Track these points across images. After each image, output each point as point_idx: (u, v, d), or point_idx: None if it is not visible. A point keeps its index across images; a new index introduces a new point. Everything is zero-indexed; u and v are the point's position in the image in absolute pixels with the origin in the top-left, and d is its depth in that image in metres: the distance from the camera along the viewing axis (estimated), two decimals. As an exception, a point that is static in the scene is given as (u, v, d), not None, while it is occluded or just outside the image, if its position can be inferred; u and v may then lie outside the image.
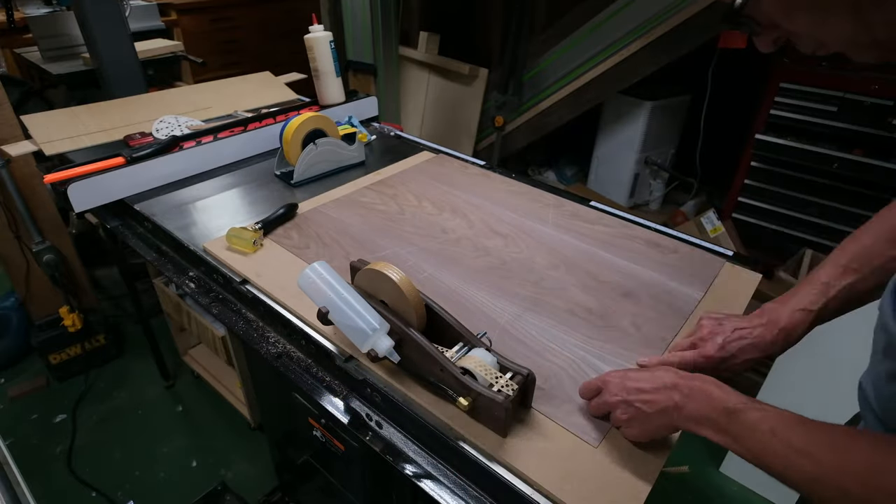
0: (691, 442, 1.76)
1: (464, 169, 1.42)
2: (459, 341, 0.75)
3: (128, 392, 1.96)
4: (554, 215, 1.19)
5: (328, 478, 1.12)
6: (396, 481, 0.86)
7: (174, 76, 2.28)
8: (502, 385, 0.68)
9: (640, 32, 2.24)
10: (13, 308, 2.00)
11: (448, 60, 2.77)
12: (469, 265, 1.02)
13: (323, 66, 1.59)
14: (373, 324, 0.73)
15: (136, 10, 2.25)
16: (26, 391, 1.95)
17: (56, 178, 1.22)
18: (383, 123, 1.72)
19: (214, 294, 1.03)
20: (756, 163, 2.18)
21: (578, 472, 0.65)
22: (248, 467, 1.69)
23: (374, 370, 0.79)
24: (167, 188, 1.33)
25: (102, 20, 1.69)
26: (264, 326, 0.95)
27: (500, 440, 0.68)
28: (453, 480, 0.70)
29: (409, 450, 0.74)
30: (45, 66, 2.05)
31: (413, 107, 3.05)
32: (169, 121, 1.57)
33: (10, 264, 1.84)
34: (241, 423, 1.74)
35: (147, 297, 1.81)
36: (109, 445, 1.76)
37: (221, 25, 3.26)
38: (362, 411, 0.79)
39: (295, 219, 1.17)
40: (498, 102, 2.59)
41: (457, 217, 1.19)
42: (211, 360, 1.81)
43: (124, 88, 1.77)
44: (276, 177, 1.38)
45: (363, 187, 1.31)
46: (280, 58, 3.20)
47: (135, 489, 1.63)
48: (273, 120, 1.56)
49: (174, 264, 1.13)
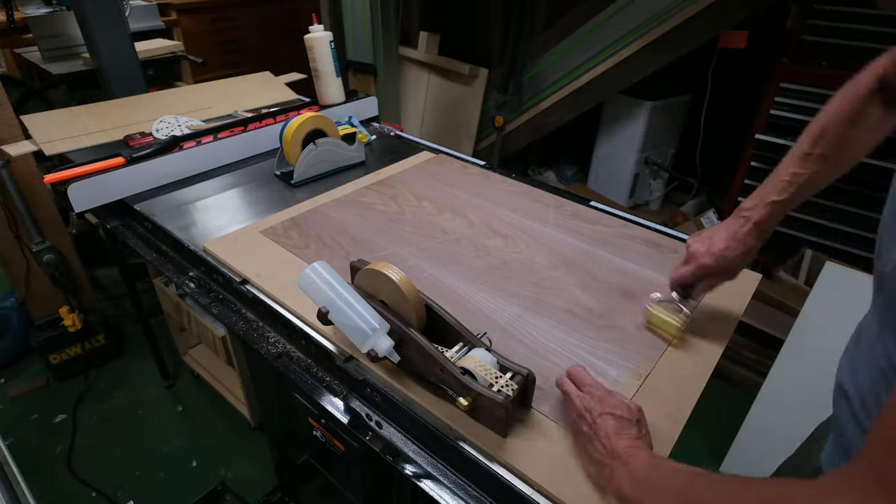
0: (691, 441, 1.76)
1: (464, 169, 1.42)
2: (459, 341, 0.75)
3: (128, 392, 1.96)
4: (554, 215, 1.19)
5: (328, 478, 1.12)
6: (396, 481, 0.86)
7: (174, 76, 2.28)
8: (502, 385, 0.68)
9: (640, 32, 2.24)
10: (13, 308, 2.00)
11: (448, 60, 2.77)
12: (469, 265, 1.02)
13: (323, 66, 1.59)
14: (373, 324, 0.73)
15: (136, 10, 2.25)
16: (26, 391, 1.95)
17: (56, 178, 1.22)
18: (383, 123, 1.72)
19: (214, 294, 1.03)
20: (756, 163, 2.17)
21: (578, 472, 0.65)
22: (248, 467, 1.69)
23: (374, 370, 0.79)
24: (167, 188, 1.33)
25: (102, 20, 1.69)
26: (264, 326, 0.95)
27: (500, 440, 0.68)
28: (453, 480, 0.70)
29: (409, 450, 0.74)
30: (45, 66, 2.05)
31: (413, 107, 3.05)
32: (169, 121, 1.57)
33: (10, 264, 1.84)
34: (241, 423, 1.74)
35: (147, 297, 1.81)
36: (109, 445, 1.76)
37: (221, 25, 3.26)
38: (362, 411, 0.79)
39: (295, 218, 1.17)
40: (498, 102, 2.59)
41: (457, 217, 1.19)
42: (211, 360, 1.81)
43: (124, 88, 1.77)
44: (276, 177, 1.38)
45: (363, 187, 1.31)
46: (280, 58, 3.20)
47: (135, 489, 1.63)
48: (273, 120, 1.56)
49: (174, 264, 1.13)
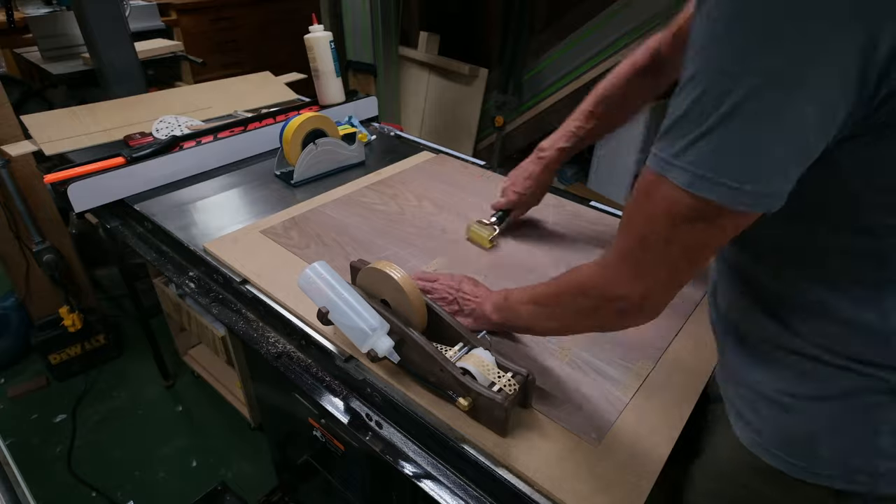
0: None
1: (464, 169, 1.42)
2: (459, 341, 0.75)
3: (128, 392, 1.96)
4: (554, 215, 1.19)
5: (328, 478, 1.12)
6: (396, 481, 0.86)
7: (174, 76, 2.27)
8: (502, 385, 0.68)
9: (641, 32, 2.24)
10: (13, 308, 2.00)
11: (448, 60, 2.77)
12: (469, 265, 1.02)
13: (323, 66, 1.59)
14: (372, 324, 0.73)
15: (136, 10, 2.24)
16: (26, 391, 1.95)
17: (56, 178, 1.22)
18: (383, 123, 1.72)
19: (214, 294, 1.03)
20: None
21: (578, 472, 0.65)
22: (248, 467, 1.69)
23: (374, 370, 0.79)
24: (167, 188, 1.33)
25: (102, 20, 1.69)
26: (264, 326, 0.95)
27: (500, 440, 0.68)
28: (453, 480, 0.70)
29: (409, 450, 0.74)
30: (45, 66, 2.05)
31: (413, 107, 3.05)
32: (169, 121, 1.57)
33: (10, 264, 1.84)
34: (241, 423, 1.74)
35: (147, 297, 1.81)
36: (109, 445, 1.76)
37: (221, 25, 3.25)
38: (362, 411, 0.79)
39: (295, 218, 1.17)
40: (498, 102, 2.59)
41: (457, 217, 1.19)
42: (211, 360, 1.80)
43: (124, 88, 1.77)
44: (276, 177, 1.38)
45: (363, 187, 1.31)
46: (280, 58, 3.19)
47: (135, 489, 1.62)
48: (273, 120, 1.56)
49: (174, 264, 1.13)
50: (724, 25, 0.39)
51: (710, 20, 0.40)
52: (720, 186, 0.42)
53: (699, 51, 0.42)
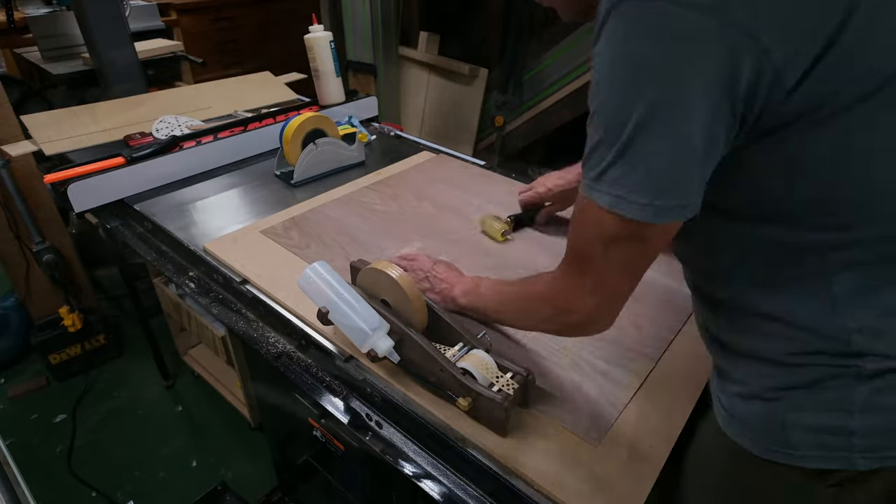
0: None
1: (464, 169, 1.42)
2: (459, 341, 0.75)
3: (128, 392, 1.96)
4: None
5: (328, 478, 1.12)
6: (396, 481, 0.86)
7: (174, 76, 2.27)
8: (502, 385, 0.68)
9: (640, 32, 2.23)
10: (13, 308, 2.00)
11: (448, 60, 2.77)
12: (470, 265, 1.02)
13: (323, 66, 1.59)
14: (373, 324, 0.73)
15: (136, 10, 2.24)
16: (26, 391, 1.95)
17: (56, 178, 1.22)
18: (383, 123, 1.72)
19: (214, 294, 1.03)
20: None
21: (578, 472, 0.65)
22: (248, 467, 1.69)
23: (374, 370, 0.79)
24: (167, 188, 1.33)
25: (102, 20, 1.69)
26: (264, 326, 0.94)
27: (500, 440, 0.68)
28: (453, 480, 0.70)
29: (409, 450, 0.74)
30: (45, 66, 2.04)
31: (413, 107, 3.05)
32: (169, 121, 1.57)
33: (10, 264, 1.84)
34: (241, 423, 1.74)
35: (147, 297, 1.81)
36: (109, 445, 1.76)
37: (221, 25, 3.25)
38: (362, 411, 0.79)
39: (295, 218, 1.17)
40: (498, 102, 2.59)
41: (457, 217, 1.19)
42: (211, 360, 1.80)
43: (124, 88, 1.77)
44: (276, 177, 1.38)
45: (363, 187, 1.31)
46: (280, 58, 3.19)
47: (135, 489, 1.62)
48: (273, 120, 1.55)
49: (174, 264, 1.13)
50: (609, 67, 0.46)
51: (599, 61, 0.47)
52: (634, 204, 0.47)
53: (596, 89, 0.48)
